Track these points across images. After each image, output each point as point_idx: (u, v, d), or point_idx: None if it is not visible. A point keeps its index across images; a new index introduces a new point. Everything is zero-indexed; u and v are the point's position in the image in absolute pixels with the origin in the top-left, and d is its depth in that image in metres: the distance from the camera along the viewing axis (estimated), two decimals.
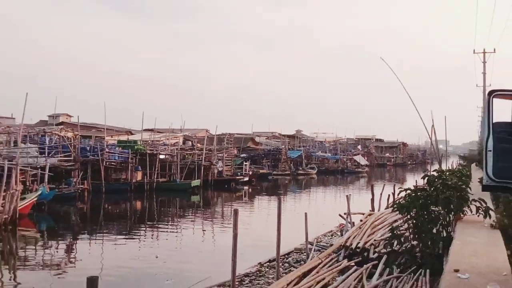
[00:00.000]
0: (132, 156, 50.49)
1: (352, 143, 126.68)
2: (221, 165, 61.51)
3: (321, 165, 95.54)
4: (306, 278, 12.20)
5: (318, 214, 20.14)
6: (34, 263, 21.08)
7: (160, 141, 58.98)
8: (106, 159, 47.35)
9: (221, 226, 31.57)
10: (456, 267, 8.05)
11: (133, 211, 40.48)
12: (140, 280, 17.43)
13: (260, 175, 70.90)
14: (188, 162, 56.92)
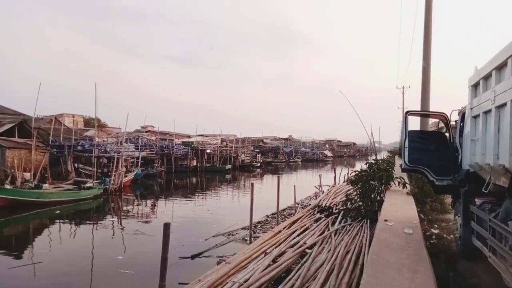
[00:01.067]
0: (190, 150, 50.73)
1: (322, 142, 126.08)
2: (243, 156, 61.57)
3: (304, 156, 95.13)
4: (295, 224, 12.24)
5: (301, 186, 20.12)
6: (132, 214, 21.31)
7: (207, 142, 59.11)
8: (175, 152, 47.62)
9: (243, 192, 31.59)
10: (385, 218, 8.06)
11: (190, 184, 40.61)
12: (197, 224, 17.50)
13: (266, 162, 70.78)
14: (223, 154, 57.02)
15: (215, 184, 40.24)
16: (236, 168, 55.76)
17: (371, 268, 4.83)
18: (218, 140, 62.45)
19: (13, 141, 27.44)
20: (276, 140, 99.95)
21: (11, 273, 10.73)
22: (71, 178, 28.86)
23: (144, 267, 10.84)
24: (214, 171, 50.72)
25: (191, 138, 61.30)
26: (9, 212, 19.48)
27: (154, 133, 55.25)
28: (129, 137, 45.11)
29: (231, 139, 64.70)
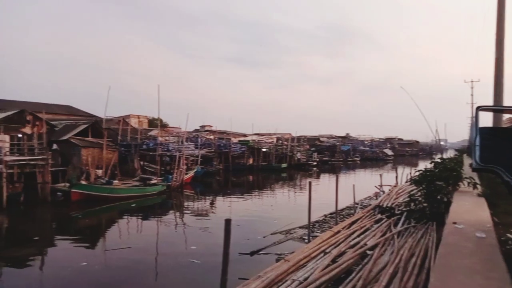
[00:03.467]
0: (246, 149, 51.57)
1: (382, 141, 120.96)
2: (299, 155, 61.21)
3: (362, 155, 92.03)
4: (354, 224, 11.96)
5: (360, 185, 19.58)
6: (192, 210, 22.22)
7: (262, 140, 59.64)
8: (232, 151, 48.71)
9: (299, 191, 31.49)
10: (454, 220, 7.60)
11: (247, 182, 41.32)
12: (254, 221, 17.71)
13: (323, 161, 69.67)
14: (279, 152, 57.18)
15: (271, 182, 40.52)
16: (292, 167, 55.63)
17: (438, 272, 4.61)
18: (273, 138, 62.72)
19: (87, 140, 29.95)
20: (333, 138, 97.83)
21: (106, 256, 12.75)
22: (137, 175, 30.80)
23: (208, 259, 11.35)
24: (270, 169, 51.05)
25: (247, 137, 62.28)
26: (86, 205, 21.39)
27: (212, 132, 56.97)
28: (189, 136, 46.89)
29: (287, 138, 64.60)
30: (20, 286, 10.11)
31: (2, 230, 17.74)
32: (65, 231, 17.63)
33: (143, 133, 40.96)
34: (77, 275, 10.71)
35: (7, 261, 12.48)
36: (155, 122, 55.75)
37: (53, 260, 12.72)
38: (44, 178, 22.46)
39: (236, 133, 62.05)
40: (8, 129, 25.54)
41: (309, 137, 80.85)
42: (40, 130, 26.40)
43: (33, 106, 33.32)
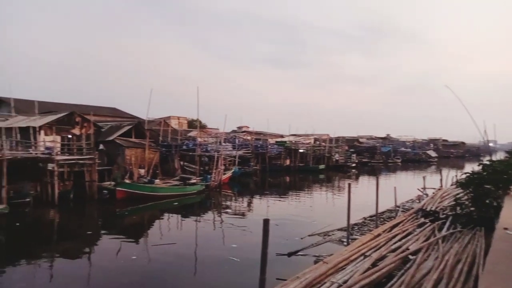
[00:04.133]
0: (283, 150, 51.47)
1: (425, 142, 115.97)
2: (337, 156, 60.16)
3: (404, 156, 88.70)
4: (396, 228, 11.59)
5: (402, 188, 18.92)
6: (230, 210, 22.47)
7: (299, 141, 59.24)
8: (269, 152, 48.79)
9: (337, 193, 30.96)
10: (505, 226, 7.18)
11: (284, 182, 41.23)
12: (291, 222, 17.61)
13: (362, 162, 67.91)
14: (317, 154, 56.54)
15: (308, 183, 40.12)
16: (329, 168, 54.79)
17: (487, 280, 4.38)
18: (311, 139, 62.09)
19: (130, 141, 31.22)
20: (373, 139, 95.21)
21: (154, 250, 13.30)
22: (178, 174, 31.67)
23: (246, 258, 11.52)
24: (307, 170, 50.57)
25: (284, 137, 62.09)
26: (130, 203, 22.31)
27: (249, 133, 57.35)
28: (227, 137, 47.48)
29: (324, 139, 63.71)
30: (77, 276, 10.71)
31: (54, 225, 18.91)
32: (112, 227, 18.54)
33: (183, 134, 42.00)
34: (129, 267, 11.41)
35: (61, 253, 13.32)
36: (194, 123, 57.01)
37: (105, 253, 13.40)
38: (91, 176, 23.69)
39: (273, 134, 62.04)
40: (59, 130, 27.20)
41: (348, 138, 79.23)
42: (88, 131, 27.89)
43: (82, 108, 35.19)
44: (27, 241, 15.16)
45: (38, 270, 11.27)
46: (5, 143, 20.42)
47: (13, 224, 17.07)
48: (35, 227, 17.65)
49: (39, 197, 21.42)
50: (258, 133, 57.57)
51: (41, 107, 28.29)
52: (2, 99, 38.08)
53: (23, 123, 26.01)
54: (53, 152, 22.21)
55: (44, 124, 26.20)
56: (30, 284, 10.06)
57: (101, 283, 10.19)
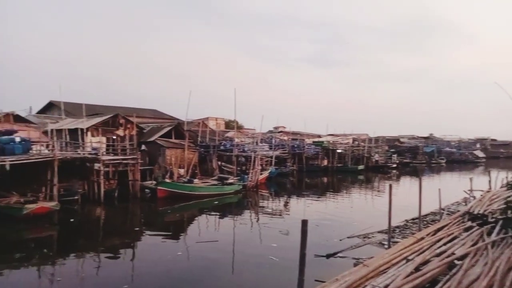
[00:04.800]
0: (321, 150, 50.86)
1: (472, 141, 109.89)
2: (377, 156, 58.54)
3: (448, 157, 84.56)
4: (440, 231, 11.10)
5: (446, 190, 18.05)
6: (268, 210, 22.51)
7: (337, 141, 58.26)
8: (306, 152, 48.41)
9: (377, 194, 30.12)
10: None
11: (321, 183, 40.73)
12: (330, 224, 17.36)
13: (403, 163, 65.59)
14: (355, 154, 55.37)
15: (346, 184, 39.37)
16: (369, 169, 53.42)
17: None
18: (349, 139, 60.82)
19: (170, 142, 32.15)
20: (415, 139, 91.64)
21: (198, 247, 13.68)
22: (215, 174, 32.20)
23: (285, 258, 11.51)
24: (346, 171, 49.61)
25: (321, 137, 61.34)
26: (170, 202, 23.02)
27: (286, 133, 57.20)
28: (263, 137, 47.63)
29: (363, 139, 62.18)
30: (126, 270, 11.22)
31: (100, 221, 19.88)
32: (155, 224, 19.23)
33: (220, 134, 42.68)
34: (175, 263, 11.88)
35: (107, 248, 13.98)
36: (231, 124, 57.68)
37: (151, 248, 13.91)
38: (134, 176, 24.65)
39: (310, 134, 61.46)
40: (104, 132, 28.58)
41: (388, 137, 76.75)
42: (131, 132, 29.06)
43: (125, 110, 36.73)
44: (76, 236, 16.07)
45: (86, 263, 11.89)
46: (56, 144, 21.70)
47: (64, 219, 18.11)
48: (83, 223, 18.66)
49: (86, 195, 22.62)
50: (294, 133, 57.27)
51: (88, 109, 29.88)
52: (53, 102, 40.61)
53: (72, 125, 27.59)
54: (99, 153, 23.34)
55: (91, 126, 27.64)
56: (79, 277, 10.63)
57: (150, 276, 10.56)
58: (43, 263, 11.84)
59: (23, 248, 14.06)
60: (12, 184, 19.41)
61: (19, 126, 25.56)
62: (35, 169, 19.88)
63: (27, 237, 15.79)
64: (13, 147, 18.62)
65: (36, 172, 20.08)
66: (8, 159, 17.85)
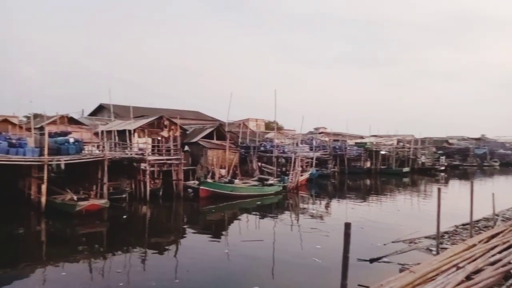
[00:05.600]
0: (363, 152, 49.62)
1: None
2: (423, 158, 56.13)
3: (503, 159, 79.15)
4: (494, 238, 10.42)
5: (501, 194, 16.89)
6: (309, 212, 22.30)
7: (381, 142, 56.51)
8: (347, 153, 47.43)
9: (423, 198, 28.83)
10: None
11: (364, 185, 39.70)
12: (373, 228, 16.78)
13: (452, 166, 62.36)
14: (400, 156, 53.44)
15: (391, 187, 38.06)
16: (415, 171, 51.33)
17: None
18: (393, 140, 58.79)
19: (212, 143, 32.80)
20: (465, 140, 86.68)
21: (243, 245, 13.99)
22: (256, 175, 32.40)
23: (328, 261, 11.35)
24: (390, 173, 48.01)
25: (364, 139, 59.80)
26: (212, 201, 23.50)
27: (327, 134, 56.38)
28: (304, 138, 47.27)
29: (409, 140, 59.82)
30: (175, 266, 11.59)
31: (146, 220, 20.69)
32: (199, 222, 19.80)
33: (260, 135, 42.90)
34: (223, 260, 12.26)
35: (154, 246, 14.49)
36: (271, 125, 57.83)
37: (197, 246, 14.27)
38: (178, 175, 25.42)
39: (352, 135, 60.14)
40: (150, 133, 29.73)
41: (435, 138, 73.22)
42: (175, 133, 30.03)
43: (169, 112, 37.97)
44: (124, 232, 16.84)
45: (134, 259, 12.42)
46: (106, 145, 22.89)
47: (113, 216, 19.06)
48: (130, 220, 19.52)
49: (133, 194, 23.65)
50: (336, 134, 56.30)
51: (135, 111, 31.24)
52: (103, 105, 42.91)
53: (120, 126, 28.99)
54: (145, 153, 24.33)
55: (138, 127, 28.88)
56: (126, 271, 11.13)
57: (199, 272, 10.89)
58: (94, 257, 12.51)
59: (77, 243, 14.96)
60: (66, 182, 20.76)
61: (73, 128, 27.30)
62: (87, 168, 21.14)
63: (80, 232, 16.78)
64: (67, 148, 19.84)
65: (88, 171, 21.33)
66: (63, 159, 19.13)
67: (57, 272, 10.99)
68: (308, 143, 46.13)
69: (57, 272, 11.00)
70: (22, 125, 28.23)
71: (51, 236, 16.10)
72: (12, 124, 27.03)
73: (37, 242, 15.13)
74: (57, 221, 17.75)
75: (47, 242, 15.17)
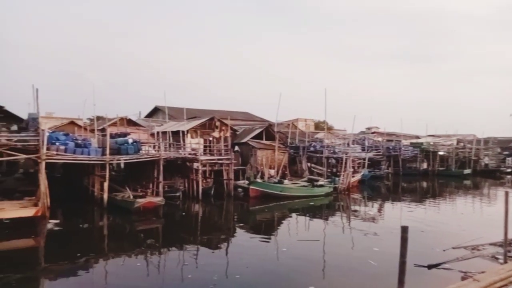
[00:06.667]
0: (420, 152, 47.29)
1: None
2: (487, 159, 52.19)
3: None
4: None
5: None
6: (360, 214, 21.65)
7: (439, 143, 53.43)
8: (402, 154, 45.48)
9: (487, 202, 26.83)
10: None
11: (420, 188, 37.78)
12: (430, 232, 15.84)
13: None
14: (460, 157, 50.16)
15: (450, 190, 35.88)
16: (477, 173, 47.92)
17: None
18: (453, 141, 55.33)
19: (261, 143, 33.07)
20: None
21: (299, 244, 14.25)
22: (305, 176, 32.16)
23: (384, 264, 11.05)
24: (449, 175, 45.29)
25: (420, 138, 56.94)
26: (261, 201, 23.71)
27: (380, 134, 54.44)
28: (355, 138, 46.09)
29: (470, 140, 55.96)
30: (234, 263, 11.81)
31: (198, 218, 21.35)
32: (249, 221, 19.96)
33: (310, 135, 42.49)
34: (279, 257, 12.46)
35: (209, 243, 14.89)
36: (321, 125, 57.04)
37: (251, 245, 14.56)
38: (228, 175, 25.96)
39: (407, 135, 57.55)
40: (202, 133, 30.66)
41: (501, 138, 67.65)
42: (225, 134, 30.69)
43: (220, 113, 38.86)
44: (178, 229, 17.53)
45: (187, 254, 12.86)
46: (162, 145, 23.98)
47: (168, 214, 19.93)
48: (184, 218, 20.26)
49: (186, 192, 24.54)
50: (389, 134, 54.20)
51: (188, 113, 32.38)
52: (158, 107, 44.97)
53: (174, 127, 30.22)
54: (197, 153, 25.13)
55: (190, 128, 29.92)
56: (192, 265, 11.57)
57: (258, 268, 11.21)
58: (151, 252, 13.15)
59: (135, 238, 15.84)
60: (125, 181, 22.06)
61: (131, 129, 28.95)
62: (144, 167, 22.31)
63: (138, 228, 17.72)
64: (127, 148, 21.05)
65: (145, 170, 22.50)
66: (123, 158, 20.36)
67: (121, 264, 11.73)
68: (360, 143, 44.92)
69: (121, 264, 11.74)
70: (86, 126, 30.50)
71: (112, 230, 17.20)
72: (77, 126, 29.31)
73: (100, 236, 16.22)
74: (118, 216, 18.92)
75: (108, 236, 16.21)
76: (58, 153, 17.94)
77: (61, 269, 11.17)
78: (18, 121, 24.37)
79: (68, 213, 18.97)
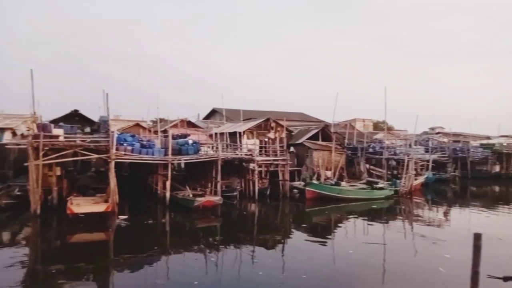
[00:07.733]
0: (491, 154, 43.54)
1: None
2: None
3: None
4: None
5: None
6: (423, 219, 20.41)
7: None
8: (470, 156, 42.20)
9: None
10: None
11: (492, 192, 34.77)
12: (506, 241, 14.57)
13: None
14: None
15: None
16: None
17: None
18: None
19: (317, 144, 32.60)
20: None
21: (365, 247, 13.77)
22: (364, 178, 31.11)
23: (453, 273, 10.47)
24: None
25: (491, 139, 52.46)
26: (318, 203, 23.35)
27: (445, 135, 51.05)
28: (417, 139, 43.73)
29: None
30: (300, 263, 11.87)
31: (255, 217, 21.57)
32: (307, 223, 19.70)
33: (368, 136, 41.07)
34: (345, 259, 12.51)
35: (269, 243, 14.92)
36: (380, 125, 54.91)
37: (312, 246, 14.50)
38: (284, 176, 25.94)
39: (476, 135, 53.37)
40: (258, 134, 31.00)
41: None
42: (281, 135, 30.73)
43: (275, 114, 39.02)
44: (235, 228, 17.87)
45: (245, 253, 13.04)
46: (220, 146, 24.64)
47: (225, 213, 20.41)
48: (240, 217, 20.60)
49: (242, 192, 24.94)
50: (456, 134, 50.63)
51: (244, 114, 32.96)
52: (216, 109, 46.32)
53: (231, 128, 30.91)
54: (253, 153, 25.43)
55: (247, 129, 30.38)
56: (262, 262, 11.80)
57: (324, 268, 11.29)
58: (210, 249, 13.54)
59: (194, 235, 16.43)
60: (185, 180, 23.00)
61: (191, 130, 30.12)
62: (202, 167, 23.09)
63: (197, 226, 18.36)
64: (187, 148, 21.92)
65: (204, 170, 23.28)
66: (184, 158, 21.24)
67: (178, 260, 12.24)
68: (423, 144, 42.56)
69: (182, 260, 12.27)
70: (150, 128, 32.32)
71: (174, 227, 17.99)
72: (142, 127, 31.19)
73: (163, 232, 17.05)
74: (179, 214, 19.76)
75: (170, 232, 16.99)
76: (126, 153, 19.20)
77: (128, 261, 11.91)
78: (91, 124, 26.52)
79: (134, 209, 20.19)
